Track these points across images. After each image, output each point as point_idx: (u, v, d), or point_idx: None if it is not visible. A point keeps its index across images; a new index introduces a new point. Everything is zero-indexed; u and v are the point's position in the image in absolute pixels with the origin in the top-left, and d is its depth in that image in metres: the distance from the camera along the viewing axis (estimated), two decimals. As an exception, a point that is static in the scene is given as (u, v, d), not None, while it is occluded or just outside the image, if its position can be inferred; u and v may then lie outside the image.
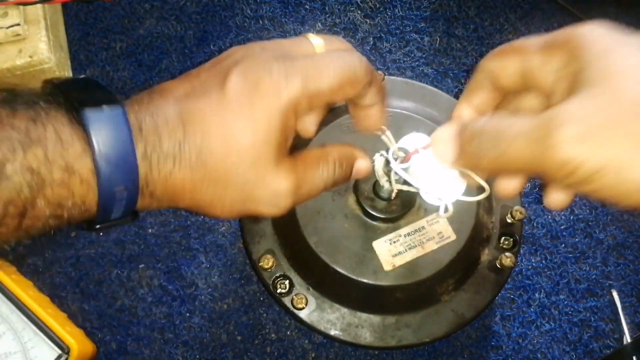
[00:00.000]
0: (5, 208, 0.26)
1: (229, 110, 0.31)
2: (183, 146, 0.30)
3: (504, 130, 0.28)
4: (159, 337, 0.56)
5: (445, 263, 0.48)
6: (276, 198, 0.33)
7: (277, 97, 0.31)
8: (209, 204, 0.32)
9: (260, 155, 0.31)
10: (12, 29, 0.56)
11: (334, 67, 0.32)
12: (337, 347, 0.56)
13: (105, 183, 0.28)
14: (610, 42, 0.27)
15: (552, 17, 0.69)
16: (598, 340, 0.56)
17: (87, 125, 0.28)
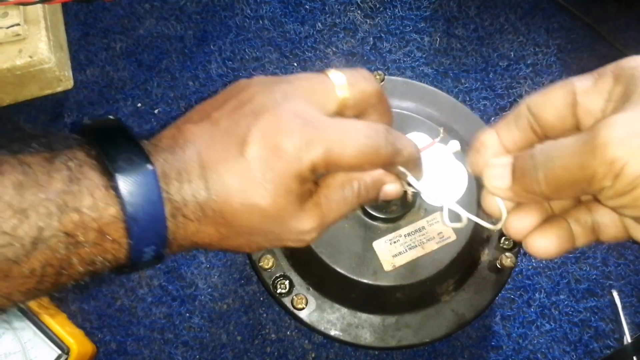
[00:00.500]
0: (44, 269, 0.27)
1: (249, 175, 0.31)
2: (206, 206, 0.31)
3: (555, 147, 0.28)
4: (158, 337, 0.56)
5: (446, 263, 0.48)
6: (302, 235, 0.33)
7: (297, 163, 0.31)
8: (237, 248, 0.34)
9: (282, 209, 0.32)
10: (12, 28, 0.56)
11: (358, 145, 0.32)
12: (337, 348, 0.56)
13: (136, 243, 0.29)
14: None
15: (552, 17, 0.69)
16: (598, 340, 0.56)
17: (120, 191, 0.29)
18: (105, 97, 0.64)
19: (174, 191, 0.30)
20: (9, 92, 0.60)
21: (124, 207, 0.29)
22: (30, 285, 0.28)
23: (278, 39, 0.67)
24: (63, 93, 0.63)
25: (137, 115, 0.64)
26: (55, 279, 0.28)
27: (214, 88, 0.65)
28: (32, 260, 0.27)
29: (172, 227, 0.30)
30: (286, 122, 0.31)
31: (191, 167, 0.31)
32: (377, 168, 0.34)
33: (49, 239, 0.27)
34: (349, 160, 0.32)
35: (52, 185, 0.28)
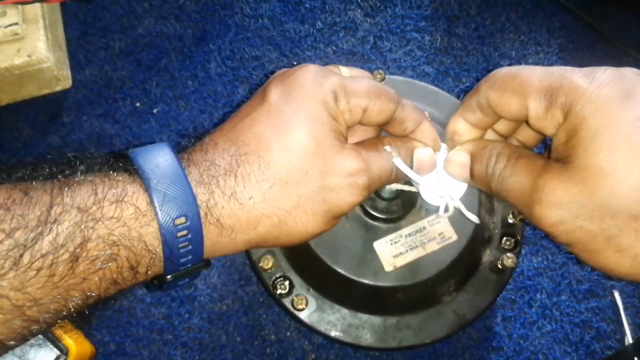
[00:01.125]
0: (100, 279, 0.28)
1: (276, 113, 0.32)
2: (240, 159, 0.31)
3: (504, 180, 0.32)
4: (157, 338, 0.56)
5: (447, 264, 0.48)
6: (352, 178, 0.33)
7: (317, 86, 0.33)
8: (289, 213, 0.32)
9: (320, 140, 0.32)
10: (11, 28, 0.56)
11: (368, 80, 0.35)
12: (337, 348, 0.55)
13: (162, 212, 0.28)
14: (606, 122, 0.28)
15: (553, 16, 0.68)
16: (599, 341, 0.56)
17: (133, 157, 0.30)
18: (104, 97, 0.64)
19: (197, 157, 0.31)
20: (8, 92, 0.60)
21: (141, 170, 0.29)
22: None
23: (278, 38, 0.67)
24: (62, 92, 0.63)
25: (136, 114, 0.64)
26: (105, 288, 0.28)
27: (213, 87, 0.65)
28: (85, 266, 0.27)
29: (204, 195, 0.30)
30: (300, 68, 0.34)
31: (216, 137, 0.32)
32: (392, 105, 0.35)
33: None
34: (365, 88, 0.34)
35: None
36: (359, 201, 0.34)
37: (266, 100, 0.33)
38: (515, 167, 0.32)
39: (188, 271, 0.31)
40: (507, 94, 0.32)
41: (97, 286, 0.28)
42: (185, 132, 0.63)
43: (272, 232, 0.32)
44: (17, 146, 0.62)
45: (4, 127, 0.63)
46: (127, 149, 0.31)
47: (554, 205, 0.29)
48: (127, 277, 0.29)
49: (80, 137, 0.63)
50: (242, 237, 0.31)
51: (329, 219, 0.33)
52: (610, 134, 0.27)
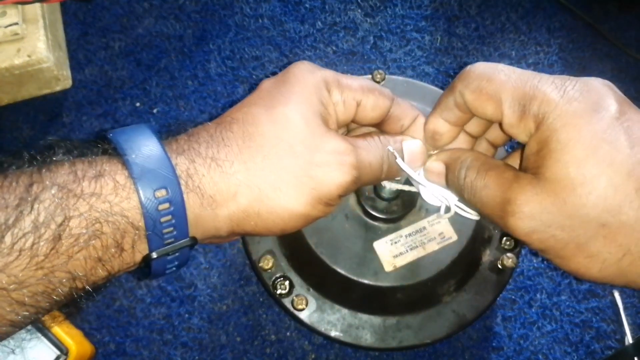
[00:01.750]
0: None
1: (267, 95, 0.32)
2: (224, 131, 0.31)
3: (477, 191, 0.33)
4: (157, 338, 0.56)
5: (447, 264, 0.48)
6: (339, 156, 0.32)
7: (310, 74, 0.33)
8: (270, 186, 0.31)
9: (308, 119, 0.32)
10: (11, 28, 0.56)
11: (361, 78, 0.36)
12: (337, 349, 0.55)
13: (141, 184, 0.28)
14: (575, 135, 0.29)
15: (553, 16, 0.68)
16: (600, 341, 0.56)
17: (111, 137, 0.29)
18: (104, 97, 0.64)
19: (181, 137, 0.31)
20: (8, 92, 0.60)
21: (116, 143, 0.29)
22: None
23: (278, 37, 0.67)
24: (62, 92, 0.63)
25: (136, 114, 0.64)
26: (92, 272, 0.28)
27: (213, 87, 0.65)
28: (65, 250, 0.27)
29: (184, 163, 0.30)
30: (291, 64, 0.35)
31: (203, 125, 0.33)
32: (386, 100, 0.36)
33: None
34: (358, 82, 0.35)
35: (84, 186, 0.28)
36: (347, 182, 0.32)
37: (258, 89, 0.33)
38: (486, 179, 0.33)
39: (174, 248, 0.30)
40: (483, 98, 0.32)
41: (83, 266, 0.27)
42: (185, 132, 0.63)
43: (253, 206, 0.31)
44: (17, 146, 0.62)
45: (4, 127, 0.63)
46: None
47: (527, 216, 0.30)
48: (112, 255, 0.28)
49: (80, 137, 0.62)
50: (223, 211, 0.30)
51: (314, 199, 0.32)
52: (579, 147, 0.28)
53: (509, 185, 0.31)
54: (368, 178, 0.35)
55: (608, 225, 0.28)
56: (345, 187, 0.33)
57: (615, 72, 0.66)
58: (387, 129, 0.38)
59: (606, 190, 0.28)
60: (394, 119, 0.37)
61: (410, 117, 0.37)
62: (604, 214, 0.28)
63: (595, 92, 0.30)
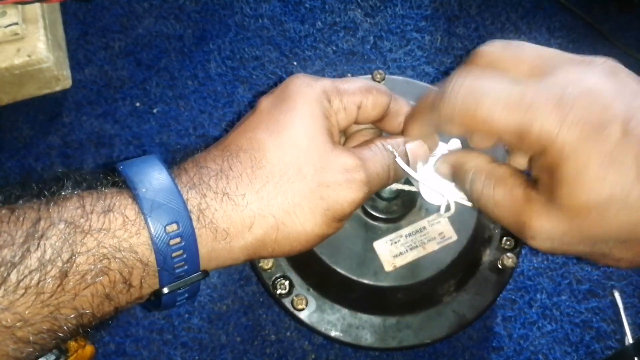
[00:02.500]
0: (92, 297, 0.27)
1: (268, 117, 0.32)
2: (232, 161, 0.30)
3: (487, 199, 0.33)
4: (157, 338, 0.56)
5: (447, 264, 0.48)
6: (349, 174, 0.32)
7: (308, 87, 0.33)
8: (285, 212, 0.30)
9: (312, 137, 0.31)
10: (11, 28, 0.56)
11: (358, 78, 0.36)
12: (337, 349, 0.55)
13: (152, 220, 0.27)
14: (581, 164, 0.28)
15: (553, 16, 0.68)
16: (600, 341, 0.56)
17: (121, 169, 0.29)
18: (104, 97, 0.64)
19: (188, 166, 0.31)
20: (8, 92, 0.60)
21: (130, 183, 0.29)
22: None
23: (278, 37, 0.67)
24: (61, 92, 0.63)
25: (136, 114, 0.64)
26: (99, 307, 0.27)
27: (213, 87, 0.65)
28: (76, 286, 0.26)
29: (196, 198, 0.29)
30: (288, 78, 0.34)
31: (208, 149, 0.32)
32: (385, 99, 0.36)
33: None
34: (356, 85, 0.34)
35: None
36: (359, 199, 0.32)
37: (257, 109, 0.33)
38: (495, 196, 0.32)
39: (186, 283, 0.29)
40: (476, 136, 0.32)
41: (90, 302, 0.27)
42: (185, 132, 0.63)
43: (269, 234, 0.31)
44: (17, 146, 0.62)
45: (3, 127, 0.63)
46: (127, 148, 0.31)
47: (546, 239, 0.30)
48: (120, 291, 0.28)
49: (80, 137, 0.62)
50: (238, 242, 0.30)
51: (329, 219, 0.32)
52: (590, 173, 0.27)
53: (521, 208, 0.31)
54: (377, 188, 0.35)
55: (629, 242, 0.28)
56: (357, 203, 0.33)
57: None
58: (385, 125, 0.38)
59: (621, 212, 0.27)
60: (392, 115, 0.37)
61: (407, 113, 0.38)
62: (623, 233, 0.28)
63: (597, 104, 0.28)
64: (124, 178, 0.29)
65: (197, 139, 0.63)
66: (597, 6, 0.68)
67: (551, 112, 0.28)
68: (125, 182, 0.29)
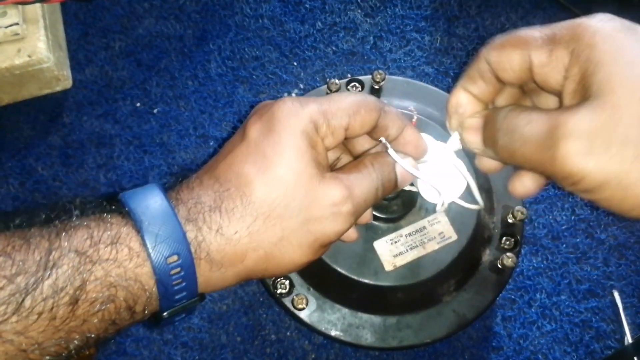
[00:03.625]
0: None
1: (256, 149, 0.32)
2: (223, 196, 0.31)
3: (518, 130, 0.30)
4: (158, 338, 0.56)
5: (447, 263, 0.48)
6: (335, 207, 0.33)
7: (295, 118, 0.33)
8: (274, 246, 0.32)
9: (299, 172, 0.32)
10: (11, 28, 0.56)
11: (346, 96, 0.35)
12: (337, 348, 0.55)
13: (155, 252, 0.29)
14: (618, 44, 0.27)
15: (553, 16, 0.68)
16: (599, 341, 0.56)
17: (125, 200, 0.30)
18: (104, 97, 0.64)
19: (185, 196, 0.32)
20: (8, 92, 0.60)
21: (131, 211, 0.30)
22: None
23: (278, 38, 0.67)
24: (62, 93, 0.63)
25: (136, 114, 0.64)
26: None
27: (213, 87, 0.65)
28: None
29: (193, 232, 0.30)
30: (276, 101, 0.34)
31: (200, 176, 0.33)
32: (373, 116, 0.35)
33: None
34: (345, 105, 0.34)
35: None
36: (346, 229, 0.34)
37: (245, 137, 0.33)
38: (531, 115, 0.29)
39: (183, 307, 0.31)
40: (508, 50, 0.31)
41: (97, 327, 0.28)
42: (185, 132, 0.63)
43: (260, 265, 0.32)
44: (18, 146, 0.62)
45: (4, 127, 0.63)
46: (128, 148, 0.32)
47: (584, 137, 0.26)
48: (124, 317, 0.29)
49: (81, 137, 0.63)
50: (232, 271, 0.32)
51: (316, 248, 0.33)
52: (628, 52, 0.27)
53: (557, 113, 0.28)
54: (364, 211, 0.35)
55: None
56: (344, 231, 0.34)
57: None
58: (374, 136, 0.37)
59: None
60: (380, 129, 0.36)
61: (397, 127, 0.37)
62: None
63: (621, 20, 0.29)
64: (128, 210, 0.30)
65: (197, 139, 0.63)
66: (596, 6, 0.68)
67: (583, 17, 0.29)
68: (129, 214, 0.30)
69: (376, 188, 0.35)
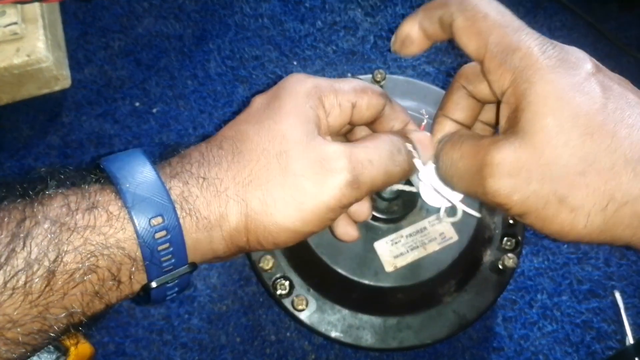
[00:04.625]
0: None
1: (257, 113, 0.32)
2: (213, 150, 0.31)
3: (453, 164, 0.32)
4: (157, 338, 0.56)
5: (447, 264, 0.48)
6: (327, 163, 0.30)
7: (300, 83, 0.33)
8: (259, 200, 0.30)
9: (296, 127, 0.31)
10: (10, 27, 0.56)
11: (352, 79, 0.35)
12: (337, 349, 0.55)
13: (136, 213, 0.27)
14: (555, 87, 0.28)
15: (554, 15, 0.68)
16: (600, 341, 0.56)
17: (104, 165, 0.29)
18: (104, 97, 0.64)
19: (174, 159, 0.31)
20: (7, 92, 0.60)
21: (106, 169, 0.29)
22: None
23: (278, 37, 0.67)
24: (61, 92, 0.63)
25: (136, 114, 0.63)
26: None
27: (213, 87, 0.65)
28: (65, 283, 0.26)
29: (179, 187, 0.29)
30: (283, 80, 0.34)
31: (195, 145, 0.32)
32: (378, 99, 0.35)
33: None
34: (350, 85, 0.34)
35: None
36: (340, 191, 0.30)
37: (249, 106, 0.33)
38: (462, 149, 0.32)
39: (173, 277, 0.29)
40: (472, 32, 0.31)
41: (80, 301, 0.27)
42: (184, 132, 0.63)
43: (242, 221, 0.30)
44: (17, 146, 0.62)
45: (3, 127, 0.63)
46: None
47: (506, 174, 0.29)
48: (110, 288, 0.27)
49: (80, 136, 0.62)
50: (217, 232, 0.30)
51: (304, 213, 0.30)
52: (555, 98, 0.28)
53: (486, 151, 0.30)
54: (373, 178, 0.32)
55: (587, 174, 0.27)
56: (338, 197, 0.30)
57: (616, 71, 0.65)
58: (378, 127, 0.37)
59: (582, 138, 0.27)
60: (386, 118, 0.36)
61: (401, 120, 0.37)
62: (581, 163, 0.27)
63: (573, 53, 0.30)
64: (107, 174, 0.29)
65: (197, 139, 0.63)
66: (597, 6, 0.68)
67: (538, 44, 0.30)
68: (109, 178, 0.28)
69: (389, 152, 0.33)
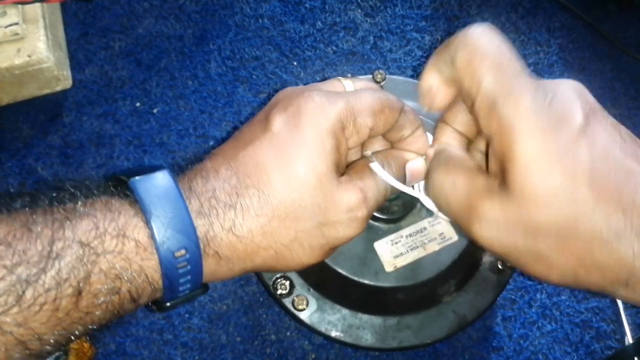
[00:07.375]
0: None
1: (279, 143, 0.32)
2: (241, 192, 0.31)
3: (444, 190, 0.33)
4: (158, 338, 0.56)
5: (447, 264, 0.48)
6: (352, 213, 0.33)
7: (323, 116, 0.32)
8: (285, 247, 0.32)
9: (320, 175, 0.32)
10: (11, 28, 0.56)
11: (371, 94, 0.35)
12: (337, 349, 0.55)
13: (163, 246, 0.29)
14: (538, 147, 0.29)
15: (553, 16, 0.68)
16: (600, 341, 0.56)
17: (135, 188, 0.29)
18: (104, 97, 0.64)
19: (199, 187, 0.31)
20: (8, 92, 0.60)
21: (142, 205, 0.29)
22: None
23: (278, 38, 0.67)
24: (62, 92, 0.63)
25: (136, 114, 0.64)
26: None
27: (213, 87, 0.65)
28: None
29: (204, 226, 0.30)
30: (303, 92, 0.33)
31: (216, 164, 0.32)
32: (395, 115, 0.35)
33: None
34: (370, 104, 0.34)
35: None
36: (359, 232, 0.34)
37: (269, 129, 0.32)
38: (456, 180, 0.33)
39: (187, 298, 0.31)
40: (468, 71, 0.32)
41: (100, 318, 0.28)
42: (185, 132, 0.63)
43: (268, 262, 0.33)
44: (17, 146, 0.62)
45: (4, 127, 0.63)
46: (127, 148, 0.31)
47: (493, 225, 0.30)
48: (128, 308, 0.29)
49: (81, 137, 0.62)
50: (239, 266, 0.32)
51: (326, 251, 0.34)
52: (543, 161, 0.28)
53: (478, 195, 0.31)
54: (374, 211, 0.36)
55: (566, 238, 0.28)
56: (357, 235, 0.34)
57: (615, 72, 0.66)
58: (387, 136, 0.38)
59: (566, 203, 0.28)
60: (397, 128, 0.37)
61: (412, 127, 0.37)
62: (563, 227, 0.28)
63: (563, 102, 0.29)
64: (136, 198, 0.29)
65: (197, 139, 0.63)
66: (597, 6, 0.69)
67: (530, 95, 0.30)
68: (137, 202, 0.29)
69: (386, 189, 0.36)
